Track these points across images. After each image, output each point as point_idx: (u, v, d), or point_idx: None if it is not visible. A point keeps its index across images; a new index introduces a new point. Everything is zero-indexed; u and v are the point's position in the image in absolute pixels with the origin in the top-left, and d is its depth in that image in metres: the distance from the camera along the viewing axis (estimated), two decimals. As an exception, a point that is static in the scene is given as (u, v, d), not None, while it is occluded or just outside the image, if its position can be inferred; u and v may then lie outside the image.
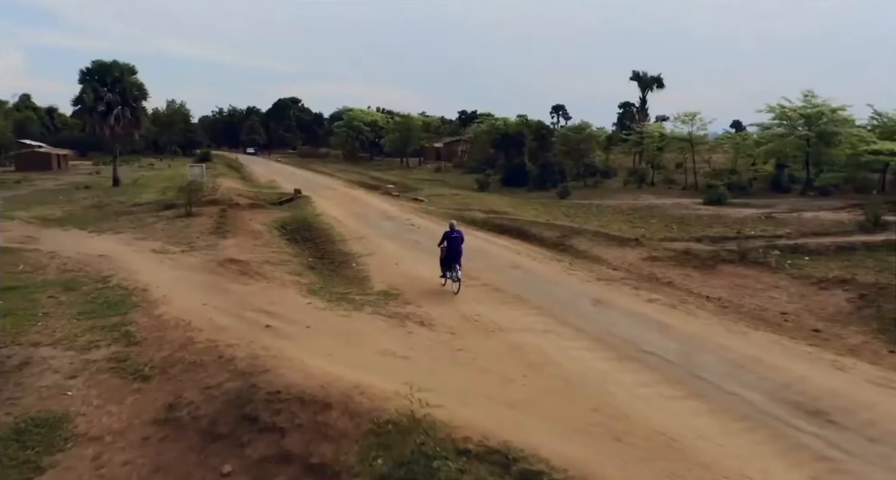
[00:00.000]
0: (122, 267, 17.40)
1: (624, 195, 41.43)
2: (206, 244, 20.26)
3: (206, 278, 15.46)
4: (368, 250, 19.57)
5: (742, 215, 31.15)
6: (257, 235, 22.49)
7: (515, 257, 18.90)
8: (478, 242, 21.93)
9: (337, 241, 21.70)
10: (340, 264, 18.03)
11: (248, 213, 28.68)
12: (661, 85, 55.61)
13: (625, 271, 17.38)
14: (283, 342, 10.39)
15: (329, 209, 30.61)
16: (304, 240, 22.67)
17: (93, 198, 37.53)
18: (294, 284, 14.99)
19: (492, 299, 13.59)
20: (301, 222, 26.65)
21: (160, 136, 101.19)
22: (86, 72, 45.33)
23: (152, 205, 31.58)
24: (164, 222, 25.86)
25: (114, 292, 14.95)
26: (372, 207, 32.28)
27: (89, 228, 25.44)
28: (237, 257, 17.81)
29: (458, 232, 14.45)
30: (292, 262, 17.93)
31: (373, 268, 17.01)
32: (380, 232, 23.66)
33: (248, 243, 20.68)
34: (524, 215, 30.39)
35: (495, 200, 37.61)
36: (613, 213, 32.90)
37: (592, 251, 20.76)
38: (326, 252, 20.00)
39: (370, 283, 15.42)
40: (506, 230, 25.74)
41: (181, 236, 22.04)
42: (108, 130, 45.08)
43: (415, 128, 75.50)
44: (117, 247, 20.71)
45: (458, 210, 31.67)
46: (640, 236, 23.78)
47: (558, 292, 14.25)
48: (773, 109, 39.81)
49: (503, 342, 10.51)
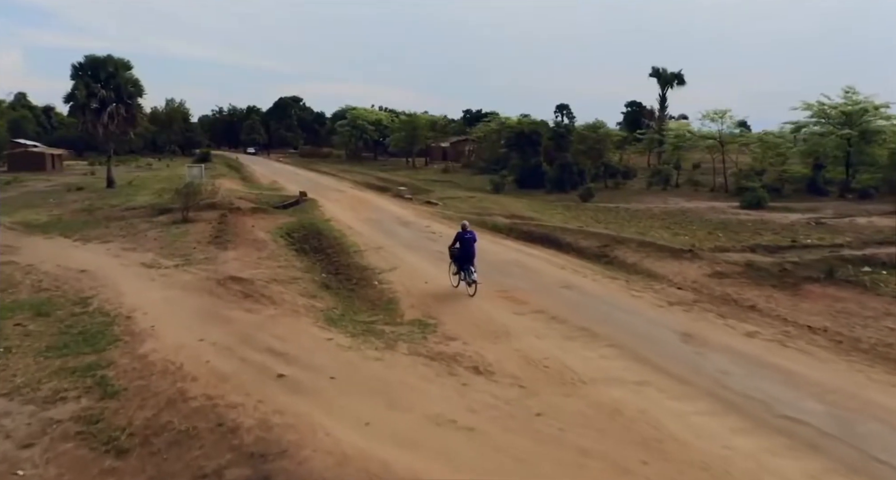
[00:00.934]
0: (105, 285, 14.91)
1: (650, 198, 38.92)
2: (203, 257, 17.73)
3: (202, 302, 12.93)
4: (390, 265, 17.04)
5: (788, 220, 28.67)
6: (261, 245, 19.96)
7: (560, 272, 16.37)
8: (510, 252, 19.41)
9: (352, 252, 19.16)
10: (359, 282, 15.50)
11: (251, 218, 26.14)
12: (682, 81, 53.23)
13: (694, 291, 14.85)
14: (303, 402, 7.88)
15: (339, 214, 28.08)
16: (314, 251, 20.13)
17: (83, 201, 35.02)
18: (308, 310, 12.47)
19: (554, 332, 11.06)
20: (309, 228, 24.10)
21: (159, 135, 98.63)
22: (78, 67, 42.74)
23: (146, 209, 29.04)
24: (158, 229, 23.33)
25: (93, 318, 12.47)
26: (384, 211, 29.75)
27: (75, 235, 22.94)
28: (239, 273, 15.28)
29: (471, 233, 14.15)
30: (303, 279, 15.40)
31: (399, 288, 14.48)
32: (398, 241, 21.12)
33: (252, 255, 18.15)
34: (551, 220, 27.87)
35: (514, 203, 35.08)
36: (646, 218, 30.36)
37: (643, 265, 18.22)
38: (341, 266, 17.46)
39: (399, 308, 12.90)
40: (536, 238, 23.20)
41: (176, 247, 19.51)
42: (101, 128, 42.48)
43: (421, 127, 72.94)
44: (103, 260, 18.20)
45: (477, 215, 29.11)
46: (691, 245, 21.29)
47: (631, 323, 11.72)
48: (810, 107, 37.33)
49: (592, 401, 7.98)
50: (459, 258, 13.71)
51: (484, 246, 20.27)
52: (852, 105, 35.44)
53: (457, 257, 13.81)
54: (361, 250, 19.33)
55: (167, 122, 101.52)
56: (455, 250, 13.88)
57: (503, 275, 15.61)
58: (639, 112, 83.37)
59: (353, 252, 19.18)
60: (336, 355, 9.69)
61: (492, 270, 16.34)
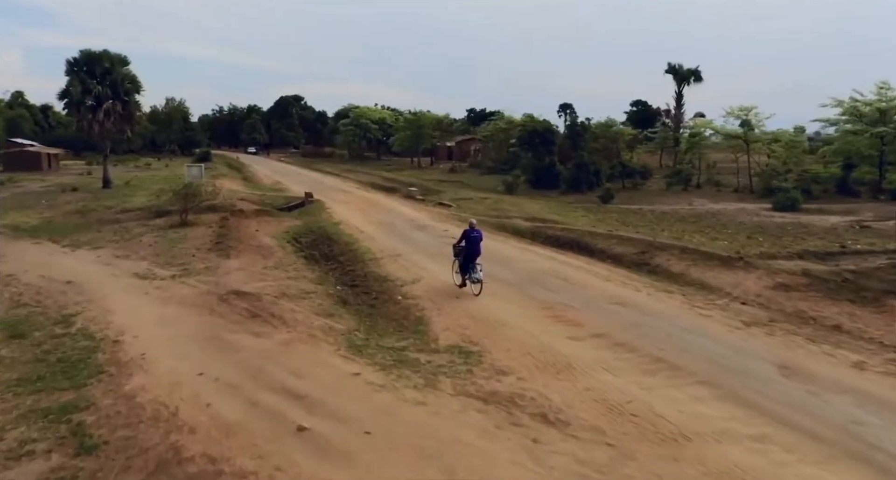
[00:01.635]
0: (92, 300, 13.09)
1: (673, 199, 37.06)
2: (203, 266, 15.89)
3: (202, 323, 11.09)
4: (412, 276, 15.20)
5: (828, 223, 26.82)
6: (267, 251, 18.12)
7: (606, 285, 14.51)
8: (543, 261, 17.54)
9: (367, 260, 17.32)
10: (380, 297, 13.65)
11: (254, 221, 24.31)
12: (699, 78, 51.25)
13: (762, 307, 13.01)
14: (334, 472, 6.04)
15: (348, 217, 26.24)
16: (325, 258, 18.30)
17: (77, 202, 33.16)
18: (326, 333, 10.62)
19: (625, 364, 9.20)
20: (318, 233, 22.29)
21: (158, 135, 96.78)
22: (73, 62, 40.79)
23: (142, 211, 27.21)
24: (154, 234, 21.49)
25: (75, 342, 10.68)
26: (396, 213, 27.90)
27: (65, 240, 21.10)
28: (244, 287, 13.44)
29: (479, 231, 13.90)
30: (317, 293, 13.55)
31: (426, 304, 12.64)
32: (416, 247, 19.27)
33: (257, 263, 16.31)
34: (576, 223, 26.00)
35: (531, 204, 33.22)
36: (675, 220, 28.51)
37: (692, 274, 16.38)
38: (358, 277, 15.61)
39: (431, 329, 11.05)
40: (564, 244, 21.35)
41: (173, 254, 17.67)
42: (97, 126, 40.51)
43: (426, 126, 71.01)
44: (92, 269, 16.37)
45: (495, 217, 27.29)
46: (735, 251, 19.46)
47: (713, 351, 9.87)
48: (840, 104, 35.46)
49: (710, 468, 6.13)
50: (466, 257, 13.44)
51: (512, 253, 18.52)
52: (887, 101, 33.58)
53: (463, 255, 13.55)
54: (378, 258, 17.49)
55: (167, 121, 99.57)
56: (460, 249, 13.61)
57: (544, 288, 13.77)
58: (644, 111, 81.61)
59: (368, 260, 17.34)
60: (367, 397, 7.84)
61: (529, 282, 14.53)
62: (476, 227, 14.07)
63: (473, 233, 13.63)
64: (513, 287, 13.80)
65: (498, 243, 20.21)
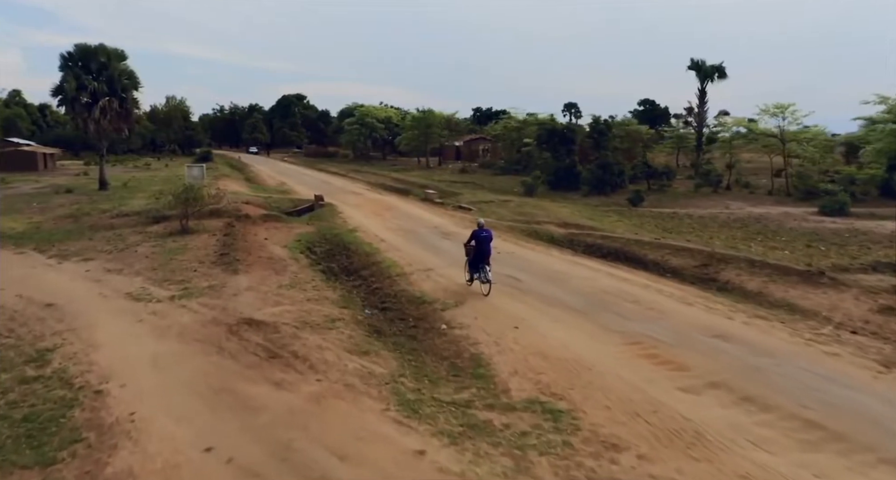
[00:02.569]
0: (75, 330, 10.86)
1: (706, 202, 34.77)
2: (207, 284, 13.62)
3: (209, 367, 8.83)
4: (451, 296, 12.94)
5: (886, 229, 24.54)
6: (279, 265, 15.87)
7: (688, 310, 12.21)
8: (600, 277, 15.22)
9: (395, 276, 15.07)
10: (419, 325, 11.40)
11: (262, 228, 22.07)
12: (724, 75, 48.87)
13: (879, 338, 10.76)
14: None
15: (364, 222, 23.99)
16: (345, 273, 16.04)
17: (71, 205, 30.91)
18: (365, 380, 8.37)
19: (771, 431, 6.94)
20: (334, 241, 20.05)
21: (158, 134, 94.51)
22: (67, 57, 38.52)
23: (140, 216, 24.95)
24: (152, 243, 19.25)
25: (48, 390, 8.48)
26: (415, 218, 25.64)
27: (52, 250, 18.88)
28: (258, 313, 11.19)
29: (488, 231, 13.80)
30: (344, 321, 11.29)
31: (480, 336, 10.38)
32: (448, 260, 17.01)
33: (270, 281, 14.04)
34: (614, 229, 23.74)
35: (558, 208, 30.94)
36: (718, 226, 26.27)
37: (774, 294, 14.13)
38: (388, 298, 13.35)
39: (494, 373, 8.80)
40: (610, 254, 19.13)
41: (172, 268, 15.42)
42: (92, 124, 38.24)
43: (434, 124, 68.66)
44: (79, 287, 14.12)
45: (524, 222, 25.05)
46: (807, 264, 17.23)
47: (870, 408, 7.61)
48: (884, 100, 33.19)
49: None
50: (475, 257, 13.32)
51: (561, 267, 16.18)
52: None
53: (473, 255, 13.39)
54: (406, 274, 15.23)
55: (166, 120, 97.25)
56: (471, 249, 13.44)
57: (618, 315, 11.50)
58: (652, 110, 79.31)
59: (396, 276, 15.07)
60: (443, 495, 5.59)
61: (597, 306, 12.24)
62: (485, 227, 13.94)
63: (483, 233, 13.48)
64: (580, 314, 11.54)
65: (540, 255, 17.98)
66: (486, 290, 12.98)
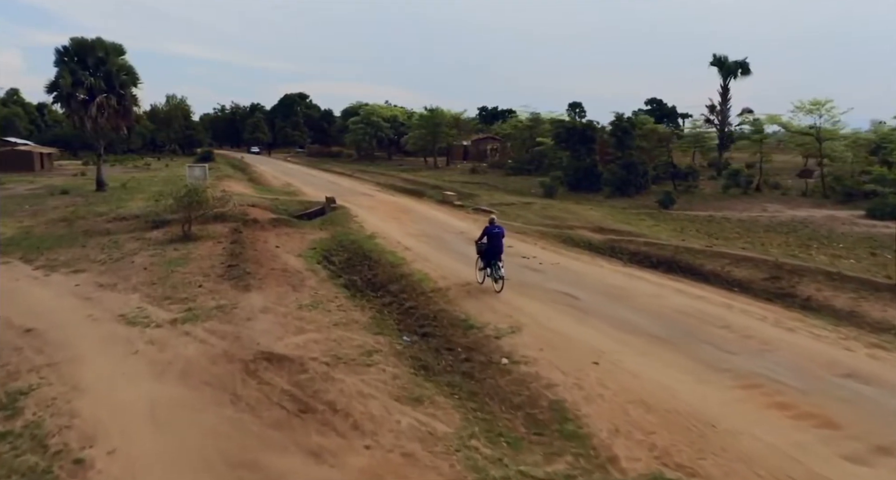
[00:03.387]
0: (57, 365, 8.94)
1: (737, 203, 32.77)
2: (214, 304, 11.65)
3: (221, 425, 6.86)
4: (503, 318, 10.98)
5: (950, 235, 22.55)
6: (296, 279, 13.91)
7: (794, 339, 10.20)
8: (670, 295, 13.17)
9: (429, 292, 13.10)
10: (472, 357, 9.43)
11: (272, 234, 20.11)
12: (747, 71, 46.91)
13: None
14: None
15: (382, 227, 22.02)
16: (371, 288, 14.05)
17: (65, 208, 28.98)
18: (429, 447, 6.41)
19: None
20: (352, 249, 18.09)
21: (158, 133, 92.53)
22: (62, 51, 36.54)
23: (138, 220, 23.00)
24: (151, 251, 17.30)
25: (17, 454, 6.73)
26: (437, 222, 23.66)
27: (40, 259, 16.98)
28: (278, 344, 9.23)
29: (500, 228, 13.67)
30: (382, 353, 9.33)
31: (553, 375, 8.43)
32: (485, 271, 15.04)
33: (288, 300, 12.07)
34: (655, 234, 21.76)
35: (587, 211, 28.95)
36: (764, 231, 24.28)
37: (872, 314, 12.17)
38: (425, 319, 11.39)
39: (588, 433, 6.84)
40: (659, 263, 17.17)
41: (174, 283, 13.46)
42: (89, 122, 36.24)
43: (443, 123, 66.58)
44: (66, 306, 12.18)
45: (554, 227, 23.08)
46: (886, 276, 15.26)
47: None
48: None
49: None
50: (487, 254, 13.21)
51: (618, 281, 13.93)
52: None
53: (484, 252, 13.29)
54: (442, 289, 13.26)
55: (167, 119, 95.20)
56: (482, 246, 13.36)
57: (713, 346, 9.53)
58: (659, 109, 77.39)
59: (430, 292, 13.10)
60: None
61: (682, 334, 10.23)
62: (497, 223, 13.84)
63: (495, 229, 13.35)
64: (667, 345, 9.58)
65: (587, 266, 16.00)
66: (499, 287, 12.84)
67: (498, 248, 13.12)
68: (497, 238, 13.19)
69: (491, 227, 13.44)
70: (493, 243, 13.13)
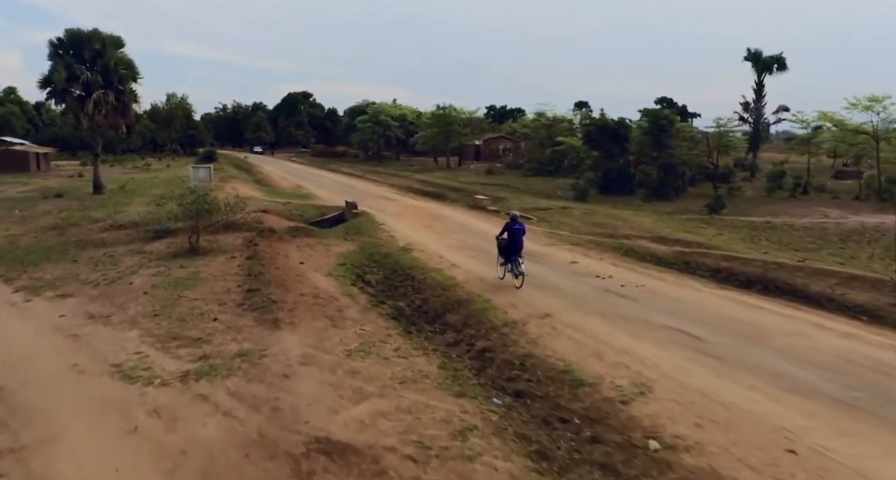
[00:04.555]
0: (22, 451, 6.36)
1: (790, 208, 30.12)
2: (236, 349, 8.97)
3: None
4: (622, 371, 8.31)
5: None
6: (333, 308, 11.25)
7: None
8: (813, 331, 10.45)
9: (501, 327, 10.46)
10: (602, 435, 6.78)
11: (292, 246, 17.48)
12: (783, 66, 44.26)
13: None
14: None
15: (415, 236, 19.38)
16: (424, 318, 11.40)
17: (58, 213, 26.34)
18: None
19: None
20: (388, 265, 15.48)
21: (158, 133, 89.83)
22: (56, 43, 33.73)
23: (138, 229, 20.35)
24: (152, 268, 14.65)
25: None
26: (475, 231, 20.99)
27: (22, 278, 14.39)
28: (336, 424, 6.57)
29: (521, 224, 13.71)
30: (477, 431, 6.69)
31: (740, 475, 5.74)
32: (562, 297, 12.39)
33: (331, 341, 9.40)
34: (731, 246, 19.08)
35: (632, 217, 26.27)
36: (841, 241, 21.66)
37: None
38: (512, 369, 8.74)
39: None
40: (749, 282, 14.53)
41: (182, 313, 10.81)
42: (85, 119, 33.48)
43: (456, 122, 63.87)
44: (46, 347, 9.54)
45: (608, 237, 20.44)
46: None
47: None
48: None
49: None
50: (507, 249, 13.40)
51: (729, 310, 10.90)
52: None
53: (505, 248, 13.50)
54: (517, 322, 10.61)
55: (168, 118, 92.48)
56: (503, 242, 13.55)
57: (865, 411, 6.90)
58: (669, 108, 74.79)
59: (503, 326, 10.45)
60: None
61: (870, 394, 7.56)
62: (518, 219, 13.88)
63: (516, 225, 13.50)
64: (866, 417, 6.93)
65: (682, 289, 13.32)
66: (519, 283, 12.99)
67: (518, 244, 13.27)
68: (518, 234, 13.32)
69: (512, 223, 13.54)
70: (513, 239, 13.26)
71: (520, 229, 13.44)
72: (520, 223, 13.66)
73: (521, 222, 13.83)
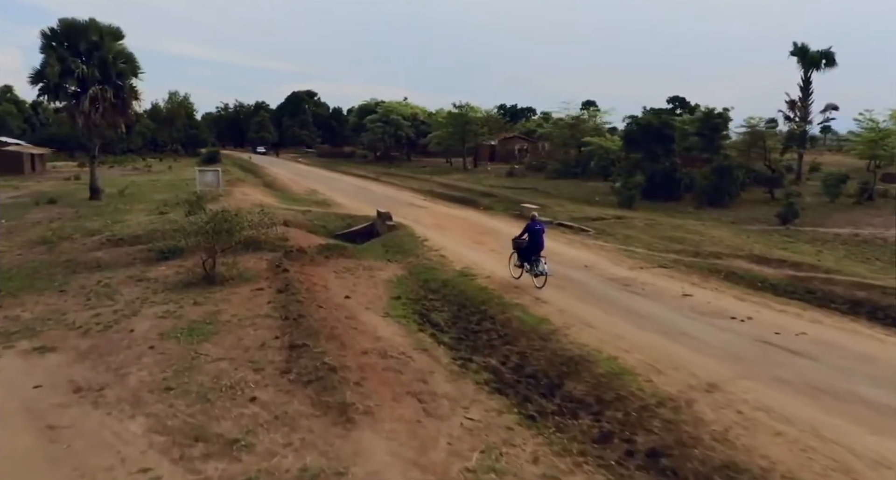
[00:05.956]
0: None
1: (867, 217, 26.96)
2: (297, 467, 5.83)
3: None
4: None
5: None
6: (411, 376, 8.14)
7: None
8: None
9: (655, 406, 7.35)
10: None
11: (328, 271, 14.37)
12: (832, 62, 41.23)
13: None
14: None
15: (470, 256, 16.27)
16: (535, 388, 8.26)
17: (49, 223, 23.26)
18: None
19: None
20: (451, 297, 12.45)
21: (159, 133, 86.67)
22: (49, 34, 30.54)
23: (139, 246, 17.23)
24: (159, 306, 11.51)
25: None
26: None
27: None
28: None
29: (541, 224, 14.00)
30: None
31: None
32: (728, 359, 9.25)
33: (436, 450, 6.26)
34: (850, 270, 15.91)
35: (707, 229, 23.01)
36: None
37: None
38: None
39: None
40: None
41: (202, 386, 7.67)
42: (81, 117, 30.26)
43: (473, 122, 60.62)
44: (9, 453, 6.38)
45: (694, 255, 17.30)
46: None
47: None
48: None
49: None
50: (528, 250, 13.50)
51: None
52: None
53: (525, 248, 13.57)
54: (674, 398, 7.49)
55: (169, 118, 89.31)
56: (523, 242, 13.62)
57: None
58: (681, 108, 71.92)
59: (659, 406, 7.34)
60: None
61: None
62: (538, 220, 14.05)
63: (536, 226, 13.65)
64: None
65: (847, 335, 10.16)
66: (541, 283, 13.04)
67: (539, 244, 13.43)
68: (538, 235, 13.51)
69: (533, 223, 13.74)
70: (534, 239, 13.44)
71: (540, 230, 13.67)
72: (540, 224, 13.88)
73: (541, 223, 14.11)
